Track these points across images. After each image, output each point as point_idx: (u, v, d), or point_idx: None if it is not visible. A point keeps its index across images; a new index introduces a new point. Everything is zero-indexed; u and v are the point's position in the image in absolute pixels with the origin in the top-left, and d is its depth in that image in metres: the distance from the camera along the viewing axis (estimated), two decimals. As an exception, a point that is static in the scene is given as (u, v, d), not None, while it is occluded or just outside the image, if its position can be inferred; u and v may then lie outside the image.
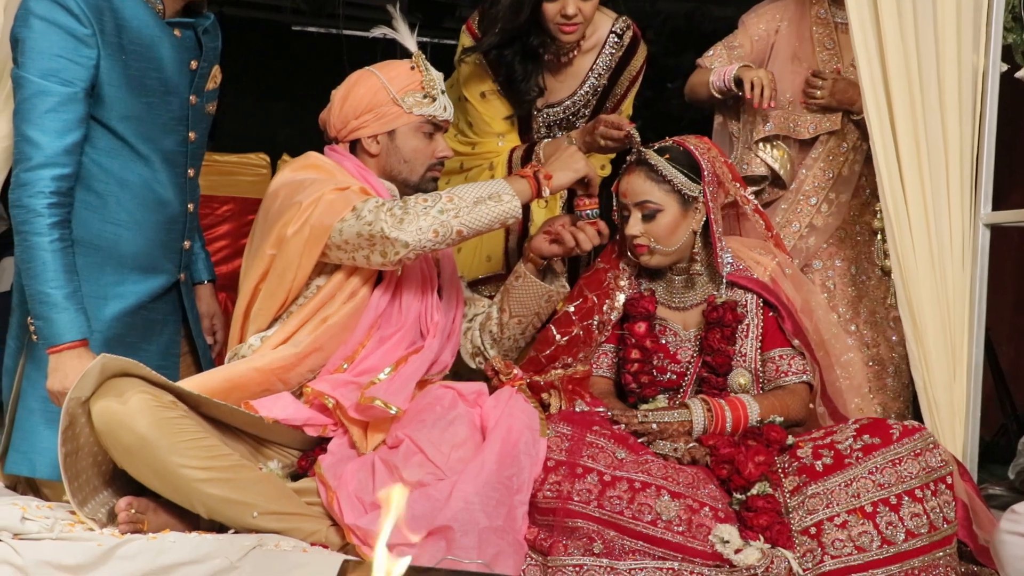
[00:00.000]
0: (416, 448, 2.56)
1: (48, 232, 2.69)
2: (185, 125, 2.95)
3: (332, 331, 2.79)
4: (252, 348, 2.83)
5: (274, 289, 2.81)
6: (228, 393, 2.71)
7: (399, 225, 2.67)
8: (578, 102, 3.42)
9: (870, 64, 2.92)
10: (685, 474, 2.60)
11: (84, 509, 2.53)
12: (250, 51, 4.49)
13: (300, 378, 2.79)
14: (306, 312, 2.81)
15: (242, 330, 2.89)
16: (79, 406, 2.48)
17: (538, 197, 2.82)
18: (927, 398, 2.91)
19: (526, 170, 2.83)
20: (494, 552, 2.42)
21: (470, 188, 2.76)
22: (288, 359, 2.77)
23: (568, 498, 2.52)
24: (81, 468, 2.54)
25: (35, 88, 2.68)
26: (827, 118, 3.49)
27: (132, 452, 2.47)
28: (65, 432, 2.47)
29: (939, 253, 2.92)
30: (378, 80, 2.89)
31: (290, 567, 2.38)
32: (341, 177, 2.85)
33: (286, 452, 2.78)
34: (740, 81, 3.37)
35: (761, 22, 3.58)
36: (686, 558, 2.47)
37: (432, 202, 2.71)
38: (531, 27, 3.27)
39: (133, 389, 2.48)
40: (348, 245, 2.72)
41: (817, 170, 3.51)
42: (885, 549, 2.48)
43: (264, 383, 2.75)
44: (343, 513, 2.52)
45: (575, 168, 2.86)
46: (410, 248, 2.68)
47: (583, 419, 2.68)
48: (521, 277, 2.96)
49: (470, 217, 2.70)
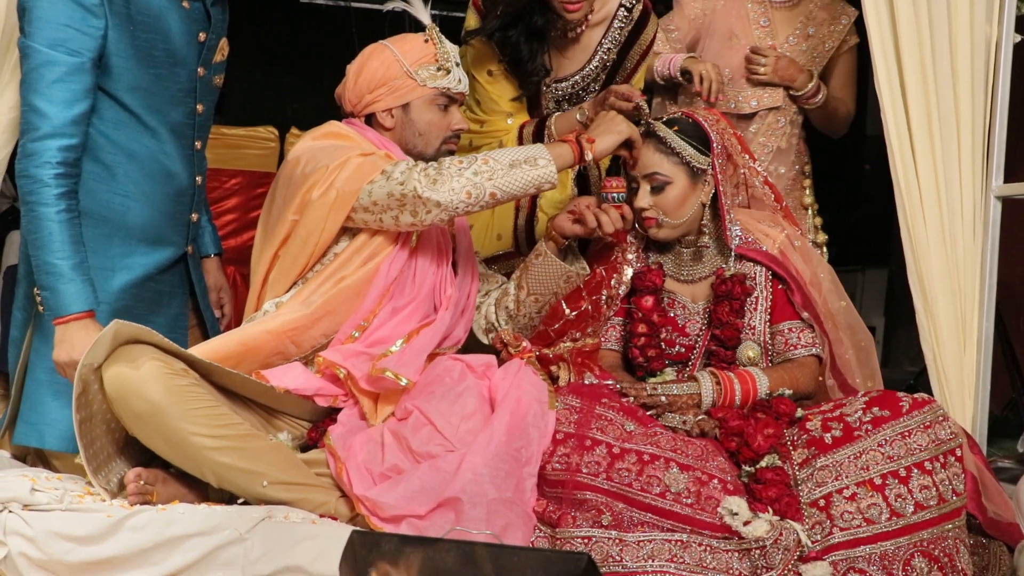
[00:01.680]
0: (425, 420, 2.56)
1: (55, 203, 2.68)
2: (193, 97, 2.95)
3: (346, 294, 2.78)
4: (267, 314, 2.83)
5: (296, 253, 2.80)
6: (242, 356, 2.71)
7: (432, 185, 2.66)
8: (587, 77, 3.39)
9: (882, 36, 2.90)
10: (694, 446, 2.59)
11: (97, 477, 2.54)
12: (259, 24, 4.47)
13: (313, 342, 2.78)
14: (323, 276, 2.80)
15: (259, 299, 2.89)
16: (91, 372, 2.48)
17: (581, 162, 2.80)
18: (937, 370, 2.91)
19: (568, 136, 2.82)
20: (503, 524, 2.42)
21: (506, 151, 2.75)
22: (300, 320, 2.76)
23: (577, 470, 2.52)
24: (95, 435, 2.54)
25: (42, 58, 2.68)
26: (767, 93, 3.58)
27: (143, 419, 2.48)
28: (79, 398, 2.48)
29: (950, 225, 2.91)
30: (391, 54, 2.88)
31: (299, 539, 2.39)
32: (365, 145, 2.85)
33: (296, 423, 2.78)
34: (687, 72, 3.46)
35: (697, 2, 3.64)
36: (695, 530, 2.48)
37: (467, 164, 2.70)
38: (534, 6, 3.24)
39: (145, 356, 2.48)
40: (376, 207, 2.71)
41: (757, 144, 3.58)
42: (894, 521, 2.47)
43: (277, 346, 2.75)
44: (352, 484, 2.52)
45: (618, 130, 2.83)
46: (442, 208, 2.67)
47: (592, 391, 2.68)
48: (542, 256, 2.94)
49: (504, 180, 2.69)
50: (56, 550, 2.33)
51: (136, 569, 2.35)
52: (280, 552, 2.37)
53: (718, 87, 3.39)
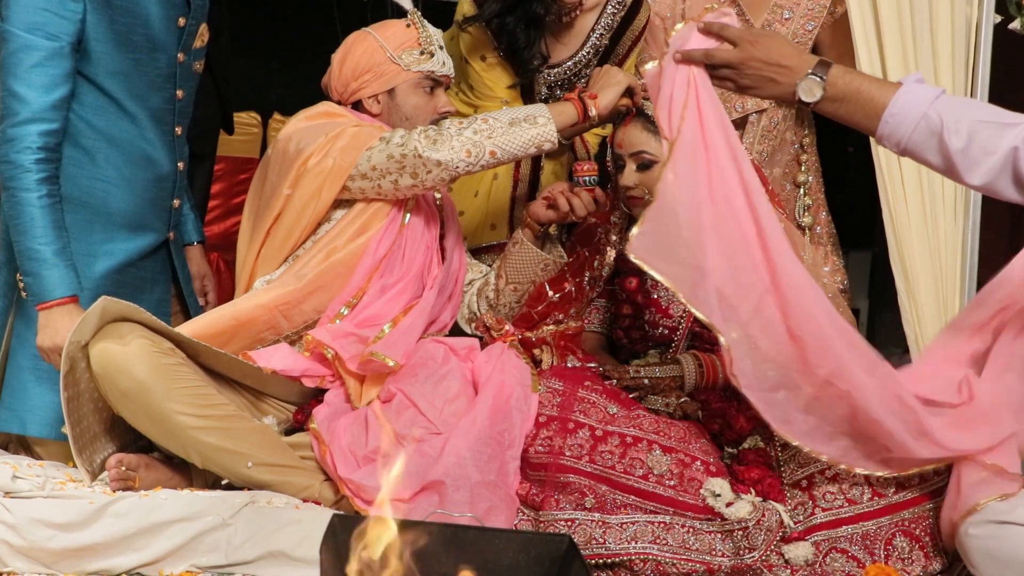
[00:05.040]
0: (409, 402, 2.57)
1: (36, 188, 2.68)
2: (173, 83, 2.94)
3: (337, 269, 2.79)
4: (257, 290, 2.83)
5: (290, 226, 2.81)
6: (234, 331, 2.73)
7: (432, 145, 2.68)
8: (580, 62, 3.38)
9: (863, 16, 2.90)
10: (677, 428, 2.60)
11: (82, 456, 2.54)
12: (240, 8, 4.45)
13: (304, 317, 2.79)
14: (314, 250, 2.82)
15: (250, 278, 2.89)
16: (79, 349, 2.49)
17: (585, 120, 2.80)
18: (918, 352, 2.92)
19: (570, 95, 2.83)
20: (486, 507, 2.43)
21: (506, 111, 2.79)
22: (292, 294, 2.77)
23: (560, 453, 2.52)
24: (83, 414, 2.55)
25: (20, 42, 2.67)
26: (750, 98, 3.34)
27: (129, 397, 2.48)
28: (67, 376, 2.49)
29: (931, 206, 2.91)
30: (374, 40, 2.89)
31: (282, 524, 2.40)
32: (358, 122, 2.86)
33: (282, 407, 2.79)
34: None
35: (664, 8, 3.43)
36: (677, 512, 2.48)
37: (467, 124, 2.73)
38: None
39: (133, 334, 2.49)
40: (375, 172, 2.72)
41: (755, 154, 3.39)
42: (876, 501, 2.48)
43: (270, 320, 2.76)
44: (336, 466, 2.53)
45: (617, 81, 2.84)
46: (442, 167, 2.69)
47: (575, 375, 2.68)
48: (518, 244, 2.94)
49: (504, 139, 2.71)
50: (38, 537, 2.33)
51: (119, 555, 2.36)
52: (263, 537, 2.37)
53: None
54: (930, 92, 2.23)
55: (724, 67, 2.35)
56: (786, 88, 2.31)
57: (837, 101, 2.28)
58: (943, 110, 2.20)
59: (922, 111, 2.21)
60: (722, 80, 2.37)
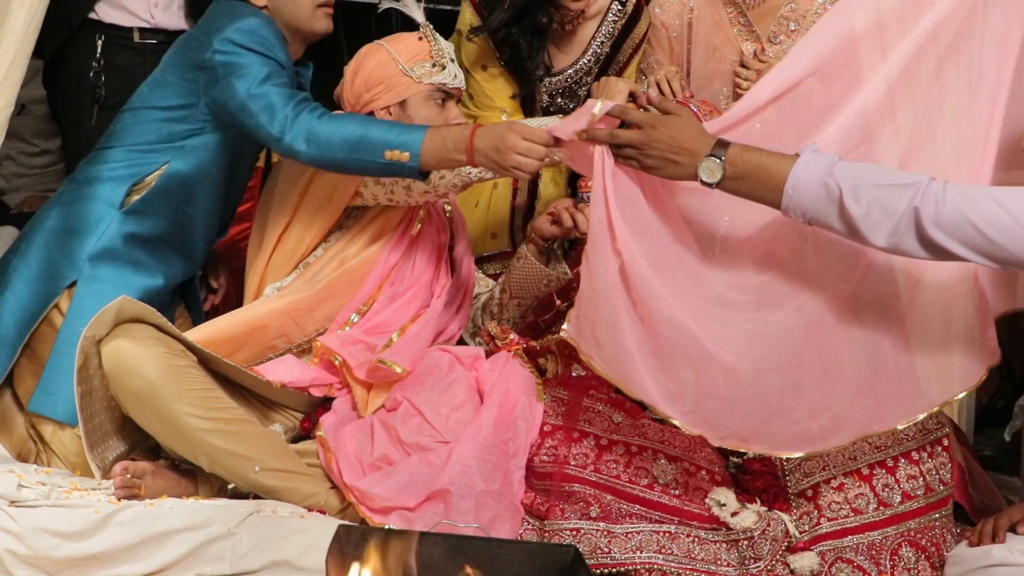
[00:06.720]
0: (415, 410, 2.58)
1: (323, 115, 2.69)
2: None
3: (348, 276, 2.81)
4: (269, 297, 2.86)
5: (301, 233, 2.83)
6: (246, 337, 2.75)
7: None
8: (580, 70, 3.39)
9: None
10: (682, 437, 2.59)
11: (93, 452, 2.56)
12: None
13: (316, 324, 2.81)
14: (325, 258, 2.84)
15: (259, 285, 2.91)
16: (93, 345, 2.51)
17: None
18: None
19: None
20: (491, 516, 2.44)
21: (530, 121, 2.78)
22: (305, 300, 2.79)
23: (565, 462, 2.52)
24: (95, 410, 2.57)
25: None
26: None
27: (139, 397, 2.50)
28: (80, 371, 2.51)
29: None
30: (386, 52, 2.89)
31: (287, 533, 2.40)
32: None
33: (291, 415, 2.80)
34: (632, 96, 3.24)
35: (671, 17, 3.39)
36: (683, 521, 2.48)
37: None
38: (540, 1, 3.23)
39: (145, 334, 2.51)
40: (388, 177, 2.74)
41: None
42: (881, 511, 2.48)
43: (282, 326, 2.78)
44: (342, 474, 2.54)
45: (619, 89, 2.87)
46: (454, 172, 2.70)
47: (579, 384, 2.68)
48: (522, 258, 2.95)
49: None
50: (43, 546, 2.33)
51: (124, 564, 2.36)
52: (269, 546, 2.37)
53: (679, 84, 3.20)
54: (826, 161, 2.22)
55: (628, 147, 2.35)
56: (687, 170, 2.30)
57: (738, 179, 2.27)
58: (840, 177, 2.20)
59: (821, 180, 2.20)
60: (627, 159, 2.36)
